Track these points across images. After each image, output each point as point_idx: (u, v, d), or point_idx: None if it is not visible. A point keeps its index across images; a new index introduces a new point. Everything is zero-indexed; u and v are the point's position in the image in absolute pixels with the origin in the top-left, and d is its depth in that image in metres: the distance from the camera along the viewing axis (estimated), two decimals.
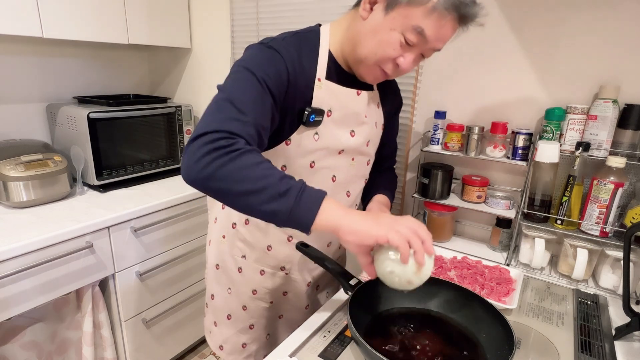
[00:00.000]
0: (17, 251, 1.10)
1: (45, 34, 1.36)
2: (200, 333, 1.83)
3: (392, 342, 0.72)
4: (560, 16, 1.11)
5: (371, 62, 0.77)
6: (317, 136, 0.82)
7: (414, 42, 0.72)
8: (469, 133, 1.22)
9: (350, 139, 0.87)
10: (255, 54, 0.74)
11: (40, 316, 1.32)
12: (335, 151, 0.86)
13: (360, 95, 0.86)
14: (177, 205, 1.53)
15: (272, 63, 0.72)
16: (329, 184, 0.88)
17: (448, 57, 1.30)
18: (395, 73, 0.79)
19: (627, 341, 0.81)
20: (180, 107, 1.77)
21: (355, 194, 0.97)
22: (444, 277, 1.00)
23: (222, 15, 1.78)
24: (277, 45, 0.74)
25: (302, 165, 0.83)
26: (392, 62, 0.76)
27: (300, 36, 0.80)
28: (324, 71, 0.80)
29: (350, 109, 0.85)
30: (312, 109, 0.78)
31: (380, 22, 0.73)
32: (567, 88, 1.14)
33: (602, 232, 1.04)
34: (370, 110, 0.90)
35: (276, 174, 0.63)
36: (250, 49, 0.76)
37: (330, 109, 0.82)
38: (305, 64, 0.77)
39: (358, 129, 0.88)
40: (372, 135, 0.93)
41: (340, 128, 0.85)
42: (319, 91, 0.79)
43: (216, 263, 1.01)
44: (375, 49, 0.75)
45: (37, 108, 1.67)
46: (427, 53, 0.76)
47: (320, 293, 1.09)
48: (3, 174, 1.29)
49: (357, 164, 0.93)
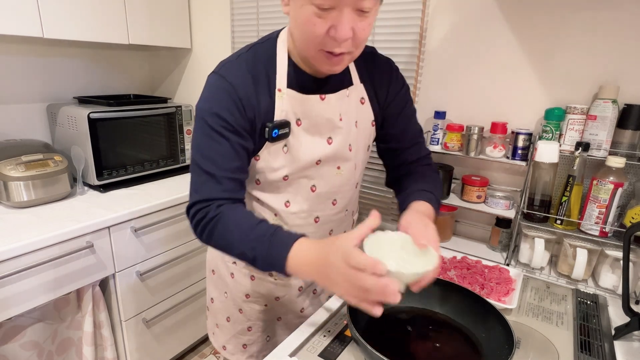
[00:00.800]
0: (17, 251, 1.10)
1: (45, 34, 1.37)
2: (200, 333, 1.83)
3: (392, 342, 0.72)
4: (560, 16, 1.11)
5: (312, 51, 0.69)
6: (285, 148, 0.79)
7: (327, 2, 0.62)
8: (469, 133, 1.22)
9: (327, 147, 0.81)
10: (207, 94, 0.75)
11: (40, 316, 1.32)
12: (311, 162, 0.81)
13: (325, 99, 0.79)
14: (177, 205, 1.53)
15: (222, 98, 0.72)
16: (308, 195, 0.85)
17: (448, 57, 1.30)
18: (343, 47, 0.67)
19: (627, 341, 0.82)
20: (180, 107, 1.77)
21: (344, 202, 0.91)
22: (443, 277, 1.00)
23: (222, 15, 1.78)
24: (227, 72, 0.74)
25: (275, 179, 0.81)
26: (327, 37, 0.65)
27: (256, 48, 0.77)
28: (284, 80, 0.76)
29: (319, 116, 0.79)
30: (274, 124, 0.75)
31: (293, 7, 0.68)
32: (567, 88, 1.14)
33: (601, 232, 1.04)
34: (347, 109, 0.83)
35: (244, 240, 0.69)
36: (206, 83, 0.76)
37: (300, 117, 0.78)
38: (261, 79, 0.75)
39: (336, 135, 0.82)
40: (354, 138, 0.85)
41: (314, 136, 0.80)
42: (281, 102, 0.75)
43: (212, 269, 1.03)
44: (302, 34, 0.68)
45: (38, 108, 1.67)
46: (358, 4, 0.63)
47: (318, 297, 1.07)
48: (3, 174, 1.29)
49: (345, 172, 0.87)
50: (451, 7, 1.26)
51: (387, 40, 1.40)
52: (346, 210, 0.94)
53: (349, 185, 0.90)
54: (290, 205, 0.85)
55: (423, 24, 1.32)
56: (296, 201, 0.85)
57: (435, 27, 1.31)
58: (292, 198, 0.85)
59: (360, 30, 0.66)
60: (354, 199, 0.96)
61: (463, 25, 1.26)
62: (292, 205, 0.85)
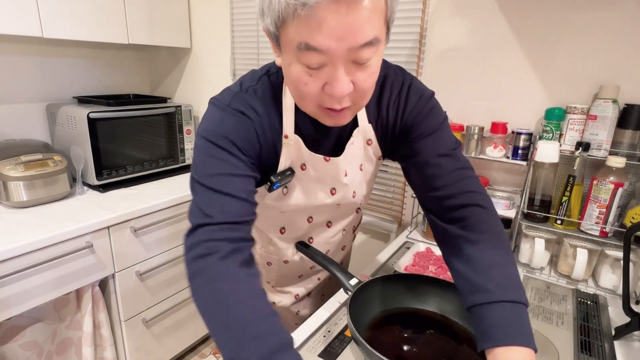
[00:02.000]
0: (17, 251, 1.10)
1: (45, 34, 1.36)
2: (200, 333, 1.83)
3: (392, 342, 0.72)
4: (560, 16, 1.11)
5: (310, 109, 0.60)
6: (285, 190, 0.75)
7: (314, 61, 0.52)
8: (469, 133, 1.22)
9: (329, 197, 0.78)
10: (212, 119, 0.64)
11: (40, 316, 1.32)
12: (310, 207, 0.78)
13: (330, 162, 0.73)
14: (177, 205, 1.53)
15: (233, 123, 0.63)
16: (304, 224, 0.84)
17: (448, 58, 1.30)
18: (344, 102, 0.57)
19: (627, 341, 0.81)
20: (180, 107, 1.77)
21: (341, 226, 0.89)
22: (443, 277, 1.00)
23: (222, 15, 1.78)
24: (242, 105, 0.64)
25: (271, 213, 0.80)
26: (322, 94, 0.56)
27: (264, 86, 0.67)
28: (292, 126, 0.68)
29: (323, 172, 0.74)
30: (277, 178, 0.70)
31: (283, 63, 0.58)
32: (567, 88, 1.14)
33: (601, 232, 1.04)
34: (352, 159, 0.75)
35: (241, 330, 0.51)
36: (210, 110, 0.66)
37: (304, 163, 0.72)
38: (269, 119, 0.66)
39: (339, 187, 0.78)
40: (358, 183, 0.80)
41: (317, 184, 0.76)
42: (288, 149, 0.69)
43: None
44: (296, 93, 0.59)
45: (37, 108, 1.67)
46: (352, 56, 0.52)
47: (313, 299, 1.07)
48: (3, 174, 1.29)
49: (344, 207, 0.84)
50: (451, 7, 1.26)
51: None
52: (344, 230, 0.92)
53: (347, 214, 0.89)
54: (285, 232, 0.86)
55: (423, 23, 1.32)
56: (292, 230, 0.86)
57: (435, 27, 1.31)
58: (287, 226, 0.85)
59: (361, 82, 0.55)
60: (351, 222, 0.93)
61: (463, 25, 1.26)
62: (288, 232, 0.86)
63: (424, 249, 1.16)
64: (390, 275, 0.83)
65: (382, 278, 0.81)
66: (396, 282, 0.82)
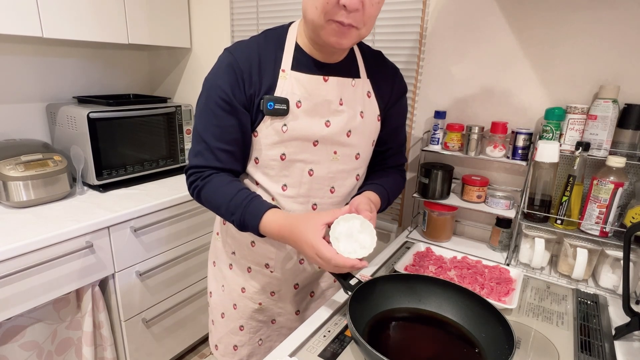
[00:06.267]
0: (17, 251, 1.10)
1: (45, 34, 1.36)
2: (200, 333, 1.83)
3: (392, 342, 0.72)
4: (560, 16, 1.11)
5: (322, 21, 0.71)
6: (285, 127, 0.81)
7: None
8: (469, 133, 1.22)
9: (324, 129, 0.83)
10: (214, 67, 0.82)
11: (40, 316, 1.32)
12: (309, 142, 0.83)
13: (328, 81, 0.83)
14: (177, 205, 1.53)
15: (226, 72, 0.79)
16: (305, 178, 0.86)
17: (448, 57, 1.30)
18: (351, 17, 0.70)
19: (627, 341, 0.81)
20: (180, 107, 1.77)
21: (343, 192, 0.91)
22: (444, 277, 1.00)
23: (222, 15, 1.78)
24: (236, 49, 0.81)
25: (272, 158, 0.84)
26: (336, 7, 0.69)
27: (268, 32, 0.84)
28: (290, 62, 0.81)
29: (319, 96, 0.82)
30: (270, 97, 0.79)
31: None
32: (567, 88, 1.14)
33: (602, 232, 1.04)
34: (351, 98, 0.86)
35: (225, 205, 0.81)
36: (218, 58, 0.83)
37: (300, 99, 0.81)
38: (268, 60, 0.80)
39: (334, 118, 0.84)
40: (354, 125, 0.87)
41: (312, 117, 0.82)
42: (284, 82, 0.80)
43: (213, 260, 1.05)
44: (314, 4, 0.70)
45: (37, 108, 1.67)
46: None
47: (315, 301, 1.07)
48: (3, 174, 1.29)
49: (342, 158, 0.88)
50: (451, 7, 1.26)
51: (387, 40, 1.40)
52: (346, 203, 0.93)
53: (347, 172, 0.90)
54: (287, 189, 0.86)
55: (423, 23, 1.32)
56: (293, 185, 0.86)
57: (435, 27, 1.31)
58: (289, 182, 0.86)
59: (369, 5, 0.70)
60: (352, 191, 0.95)
61: (463, 25, 1.26)
62: (289, 189, 0.86)
63: (424, 249, 1.16)
64: (390, 275, 0.83)
65: (382, 278, 0.81)
66: (396, 282, 0.82)
